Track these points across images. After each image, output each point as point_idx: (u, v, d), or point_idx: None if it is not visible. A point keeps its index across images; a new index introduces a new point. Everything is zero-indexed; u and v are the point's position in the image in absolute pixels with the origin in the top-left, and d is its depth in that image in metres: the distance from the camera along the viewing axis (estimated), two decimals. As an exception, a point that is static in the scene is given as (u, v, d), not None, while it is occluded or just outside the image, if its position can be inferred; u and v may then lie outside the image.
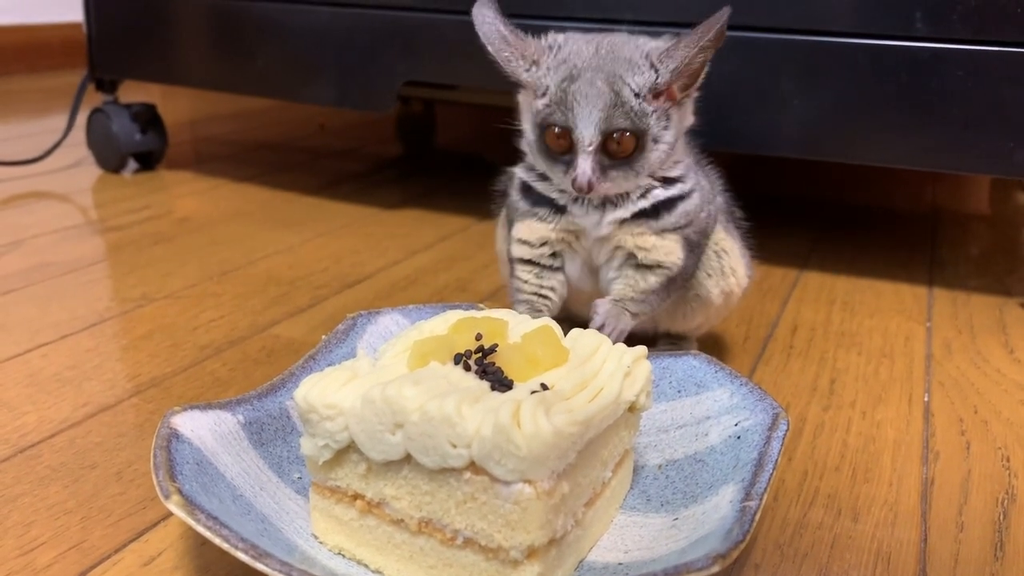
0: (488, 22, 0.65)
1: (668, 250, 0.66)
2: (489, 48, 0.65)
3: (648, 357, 0.52)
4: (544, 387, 0.46)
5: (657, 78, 0.62)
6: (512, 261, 0.70)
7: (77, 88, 1.36)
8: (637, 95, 0.62)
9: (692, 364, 0.61)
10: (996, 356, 0.80)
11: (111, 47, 1.33)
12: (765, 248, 0.79)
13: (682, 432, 0.58)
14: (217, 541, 0.42)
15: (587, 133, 0.61)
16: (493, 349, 0.49)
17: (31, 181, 1.32)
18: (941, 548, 0.53)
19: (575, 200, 0.66)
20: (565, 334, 0.53)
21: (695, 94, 0.66)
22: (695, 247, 0.68)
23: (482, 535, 0.44)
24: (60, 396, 0.69)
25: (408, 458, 0.45)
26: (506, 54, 0.64)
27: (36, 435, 0.63)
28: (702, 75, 0.65)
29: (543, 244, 0.68)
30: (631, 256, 0.67)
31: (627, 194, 0.65)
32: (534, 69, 0.64)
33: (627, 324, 0.66)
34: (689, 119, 0.67)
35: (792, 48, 0.89)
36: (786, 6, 0.89)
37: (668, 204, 0.66)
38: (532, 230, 0.68)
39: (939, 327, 0.87)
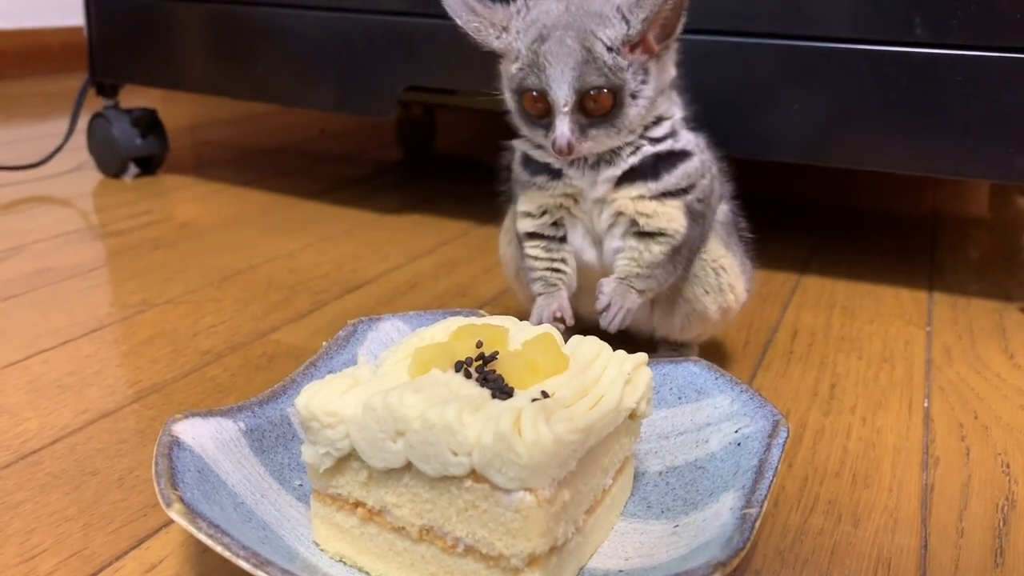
0: None
1: (670, 216, 0.65)
2: (457, 21, 0.64)
3: (648, 364, 0.53)
4: (545, 395, 0.46)
5: (629, 30, 0.61)
6: (520, 240, 0.70)
7: (78, 93, 1.36)
8: (610, 49, 0.61)
9: (692, 371, 0.61)
10: (996, 361, 0.80)
11: (112, 52, 1.33)
12: (765, 253, 0.79)
13: (683, 439, 0.58)
14: (219, 549, 0.42)
15: (561, 93, 0.60)
16: (494, 356, 0.49)
17: (32, 186, 1.32)
18: (941, 554, 0.53)
19: (570, 163, 0.66)
20: (566, 340, 0.54)
21: (674, 45, 0.65)
22: (699, 216, 0.67)
23: (483, 543, 0.44)
24: (61, 402, 0.69)
25: (409, 466, 0.45)
26: (475, 24, 0.64)
27: (37, 441, 0.63)
28: (679, 25, 0.63)
29: (543, 213, 0.68)
30: (633, 223, 0.66)
31: (619, 151, 0.65)
32: (504, 35, 0.63)
33: (633, 302, 0.65)
34: (670, 71, 0.66)
35: (792, 53, 0.89)
36: (787, 11, 0.89)
37: (667, 163, 0.65)
38: (532, 200, 0.68)
39: (939, 332, 0.87)
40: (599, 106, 0.61)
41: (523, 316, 0.61)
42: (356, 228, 1.16)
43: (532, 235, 0.69)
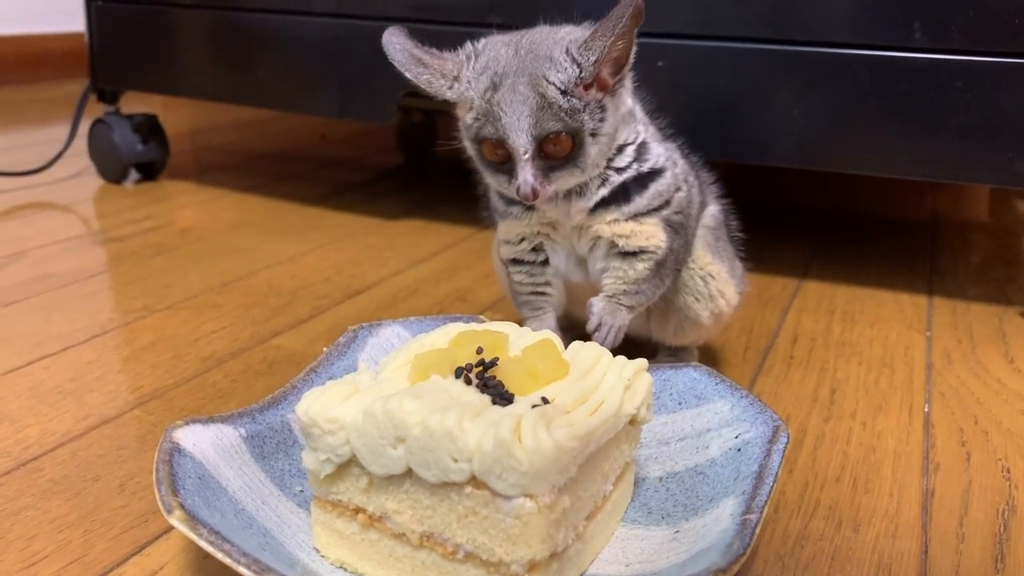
0: (399, 48, 0.63)
1: (649, 234, 0.65)
2: (407, 74, 0.63)
3: (648, 369, 0.53)
4: (545, 401, 0.46)
5: (581, 72, 0.60)
6: (504, 265, 0.70)
7: (79, 99, 1.36)
8: (564, 92, 0.59)
9: (692, 376, 0.61)
10: (996, 365, 0.80)
11: (113, 58, 1.34)
12: (765, 258, 0.80)
13: (683, 444, 0.58)
14: (219, 556, 0.42)
15: (520, 142, 0.60)
16: (494, 363, 0.49)
17: (33, 192, 1.32)
18: (942, 559, 0.53)
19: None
20: (566, 344, 0.54)
21: (629, 75, 0.64)
22: (680, 228, 0.67)
23: (483, 549, 0.44)
24: (62, 408, 0.69)
25: (409, 472, 0.45)
26: (425, 76, 0.62)
27: (38, 448, 0.63)
28: (631, 58, 0.62)
29: (522, 240, 0.68)
30: (613, 245, 0.66)
31: (587, 184, 0.64)
32: (456, 85, 0.62)
33: (624, 319, 0.66)
34: (626, 104, 0.64)
35: (792, 58, 0.90)
36: (786, 17, 0.89)
37: (638, 185, 0.65)
38: (510, 228, 0.68)
39: (939, 336, 0.87)
40: (559, 149, 0.60)
41: (523, 322, 0.62)
42: (356, 233, 1.16)
43: (514, 261, 0.70)
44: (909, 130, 0.88)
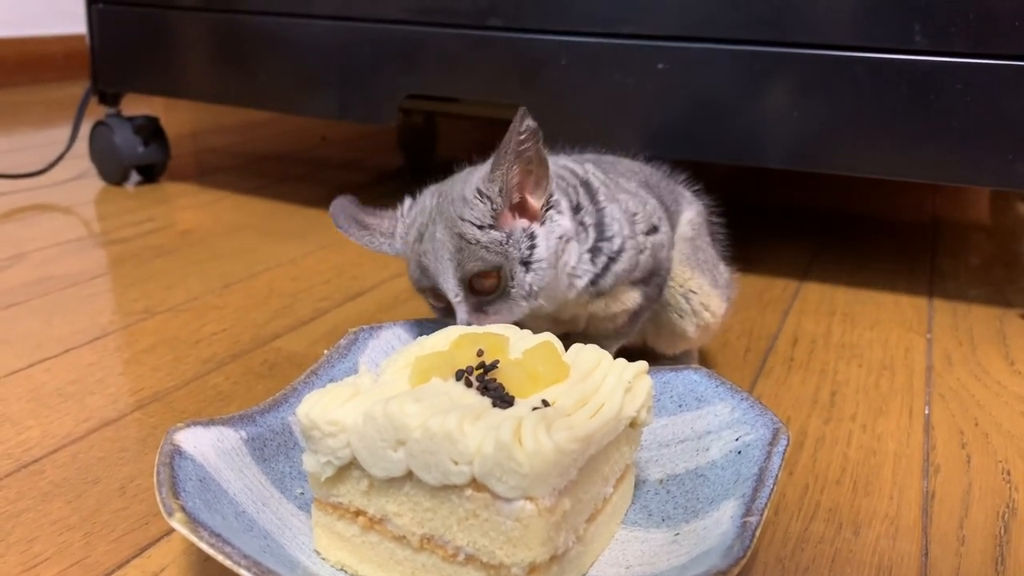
0: (343, 215, 0.66)
1: (623, 300, 0.66)
2: (353, 240, 0.65)
3: (649, 372, 0.53)
4: (545, 403, 0.46)
5: (492, 205, 0.60)
6: None
7: (80, 101, 1.37)
8: (480, 228, 0.60)
9: (693, 379, 0.61)
10: (996, 368, 0.80)
11: (114, 60, 1.34)
12: (765, 259, 0.80)
13: (683, 447, 0.58)
14: (220, 558, 0.42)
15: (449, 287, 0.60)
16: (494, 365, 0.49)
17: (34, 194, 1.32)
18: (942, 562, 0.53)
19: None
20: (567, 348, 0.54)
21: (555, 194, 0.63)
22: (651, 276, 0.67)
23: (484, 552, 0.44)
24: (63, 411, 0.69)
25: (410, 475, 0.45)
26: (367, 238, 0.65)
27: (39, 450, 0.63)
28: (548, 179, 0.61)
29: None
30: (597, 314, 0.67)
31: None
32: (392, 242, 0.65)
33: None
34: (564, 223, 0.62)
35: (793, 61, 0.90)
36: (787, 19, 0.89)
37: (602, 272, 0.64)
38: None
39: (939, 338, 0.87)
40: (487, 286, 0.60)
41: (523, 325, 0.62)
42: (357, 235, 1.16)
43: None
44: (909, 132, 0.88)
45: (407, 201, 0.66)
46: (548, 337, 0.54)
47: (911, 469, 0.63)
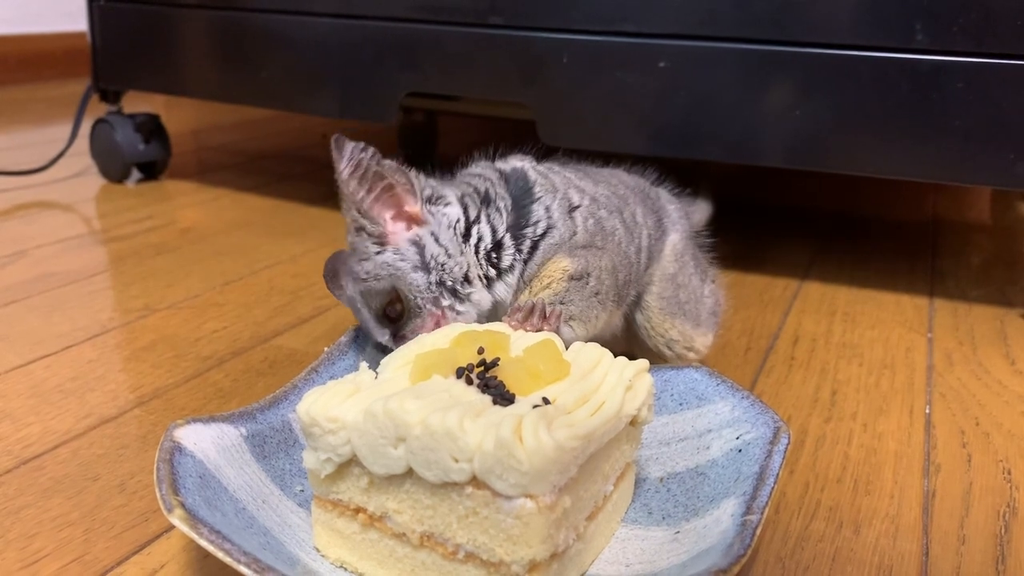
0: (332, 272, 0.66)
1: (551, 271, 0.62)
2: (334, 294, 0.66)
3: (649, 370, 0.53)
4: (546, 401, 0.46)
5: (367, 231, 0.60)
6: None
7: (81, 98, 1.36)
8: (368, 259, 0.60)
9: (693, 377, 0.61)
10: (997, 367, 0.80)
11: (115, 58, 1.34)
12: (766, 258, 0.79)
13: (683, 445, 0.58)
14: (220, 555, 0.42)
15: (375, 335, 0.61)
16: (495, 363, 0.49)
17: (34, 191, 1.32)
18: (943, 561, 0.53)
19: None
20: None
21: (433, 190, 0.63)
22: (599, 249, 0.63)
23: (484, 549, 0.44)
24: (63, 407, 0.69)
25: (410, 472, 0.45)
26: (337, 294, 0.66)
27: (39, 446, 0.63)
28: (410, 180, 0.61)
29: None
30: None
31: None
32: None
33: (555, 324, 0.60)
34: (452, 212, 0.62)
35: (794, 60, 0.90)
36: (789, 19, 0.89)
37: (532, 248, 0.63)
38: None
39: (940, 338, 0.87)
40: (398, 310, 0.60)
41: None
42: (358, 233, 1.16)
43: None
44: (911, 131, 0.88)
45: None
46: (549, 335, 0.54)
47: (912, 468, 0.63)
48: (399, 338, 0.60)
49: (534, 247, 0.63)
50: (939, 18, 0.84)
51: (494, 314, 0.64)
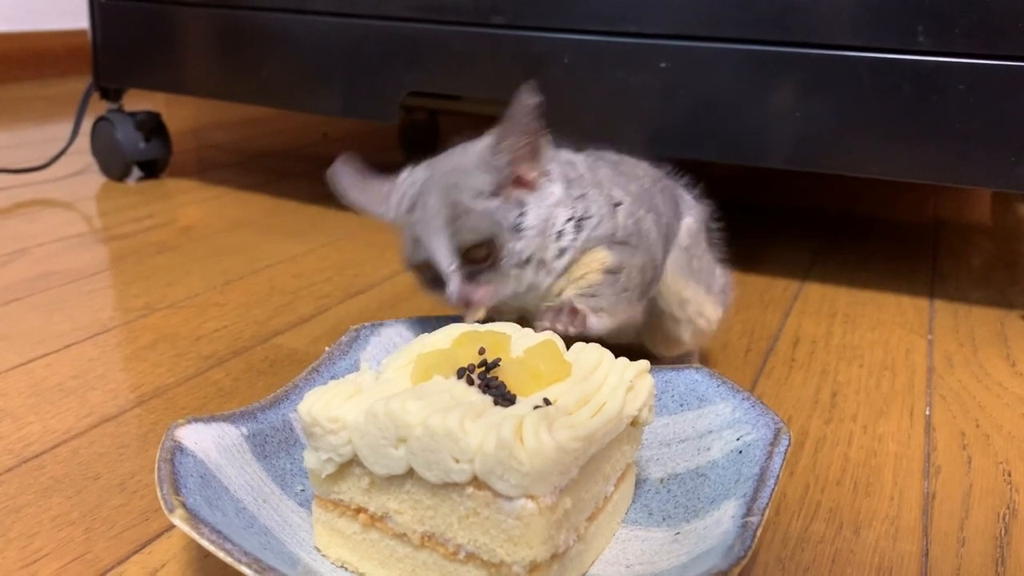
0: (343, 175, 0.66)
1: (588, 262, 0.63)
2: (350, 204, 0.65)
3: (650, 371, 0.53)
4: (547, 402, 0.46)
5: (498, 176, 0.60)
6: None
7: (82, 96, 1.36)
8: (478, 197, 0.60)
9: (694, 378, 0.61)
10: (998, 369, 0.80)
11: (116, 56, 1.34)
12: (767, 259, 0.79)
13: (684, 446, 0.58)
14: (221, 555, 0.42)
15: (442, 256, 0.59)
16: (496, 363, 0.49)
17: (35, 189, 1.32)
18: (942, 562, 0.53)
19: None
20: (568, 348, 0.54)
21: (549, 165, 0.63)
22: (632, 249, 0.64)
23: (484, 550, 0.44)
24: (63, 406, 0.69)
25: (411, 472, 0.45)
26: (362, 201, 0.65)
27: (39, 445, 0.63)
28: (544, 151, 0.62)
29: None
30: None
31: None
32: (387, 208, 0.64)
33: (582, 324, 0.62)
34: (554, 195, 0.62)
35: (796, 61, 0.90)
36: (790, 20, 0.89)
37: (582, 239, 0.63)
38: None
39: (940, 340, 0.87)
40: (480, 256, 0.60)
41: (525, 323, 0.62)
42: (359, 232, 1.16)
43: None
44: (912, 133, 0.88)
45: (408, 168, 0.66)
46: (550, 335, 0.54)
47: (912, 470, 0.63)
48: (472, 283, 0.60)
49: (583, 238, 0.63)
50: (940, 20, 0.84)
51: (523, 298, 0.64)
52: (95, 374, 0.75)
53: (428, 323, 0.68)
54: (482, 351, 0.50)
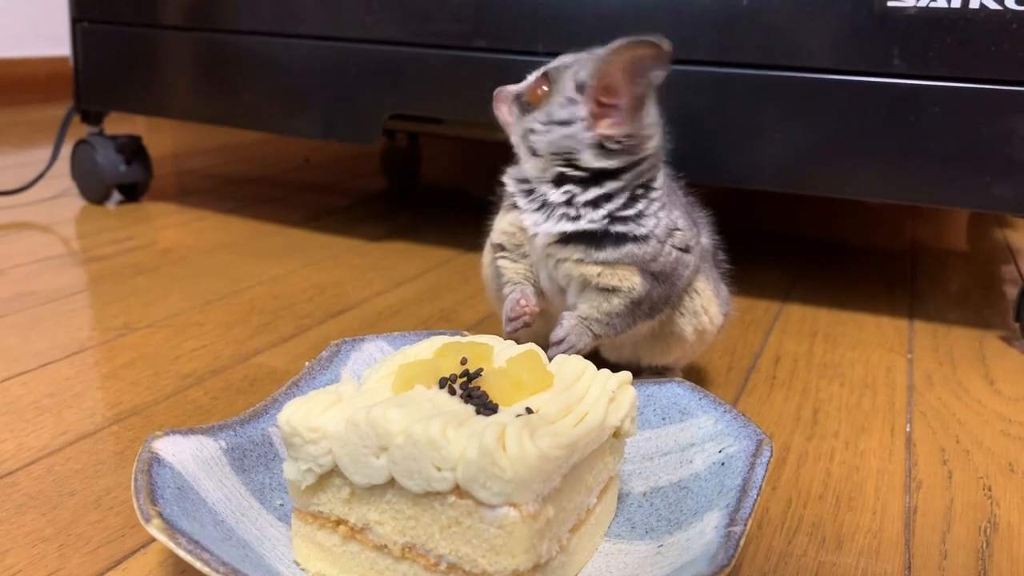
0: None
1: (621, 276, 0.66)
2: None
3: (632, 384, 0.53)
4: (529, 411, 0.46)
5: (588, 73, 0.65)
6: (494, 251, 0.72)
7: (63, 119, 1.36)
8: (572, 80, 0.66)
9: (676, 391, 0.61)
10: (976, 387, 0.81)
11: (97, 78, 1.34)
12: (748, 281, 0.80)
13: (666, 459, 0.57)
14: (198, 565, 0.41)
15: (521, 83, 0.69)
16: (478, 373, 0.49)
17: (13, 212, 1.31)
18: (925, 575, 0.53)
19: (526, 194, 0.68)
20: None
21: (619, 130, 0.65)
22: (661, 279, 0.67)
23: (466, 560, 0.44)
24: (39, 424, 0.68)
25: (392, 482, 0.44)
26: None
27: (13, 463, 0.62)
28: (638, 111, 0.65)
29: (503, 233, 0.70)
30: (587, 281, 0.67)
31: (552, 203, 0.67)
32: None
33: (586, 344, 0.66)
34: (587, 135, 0.65)
35: (773, 84, 0.91)
36: (768, 42, 0.90)
37: (615, 239, 0.65)
38: (500, 219, 0.71)
39: (920, 359, 0.87)
40: (533, 90, 0.67)
41: (507, 338, 0.61)
42: (340, 255, 1.16)
43: (502, 247, 0.71)
44: (889, 155, 0.89)
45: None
46: (532, 346, 0.54)
47: (894, 485, 0.63)
48: (512, 105, 0.69)
49: (626, 239, 0.66)
50: (916, 44, 0.85)
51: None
52: (72, 392, 0.74)
53: (409, 338, 0.67)
54: (464, 361, 0.50)
